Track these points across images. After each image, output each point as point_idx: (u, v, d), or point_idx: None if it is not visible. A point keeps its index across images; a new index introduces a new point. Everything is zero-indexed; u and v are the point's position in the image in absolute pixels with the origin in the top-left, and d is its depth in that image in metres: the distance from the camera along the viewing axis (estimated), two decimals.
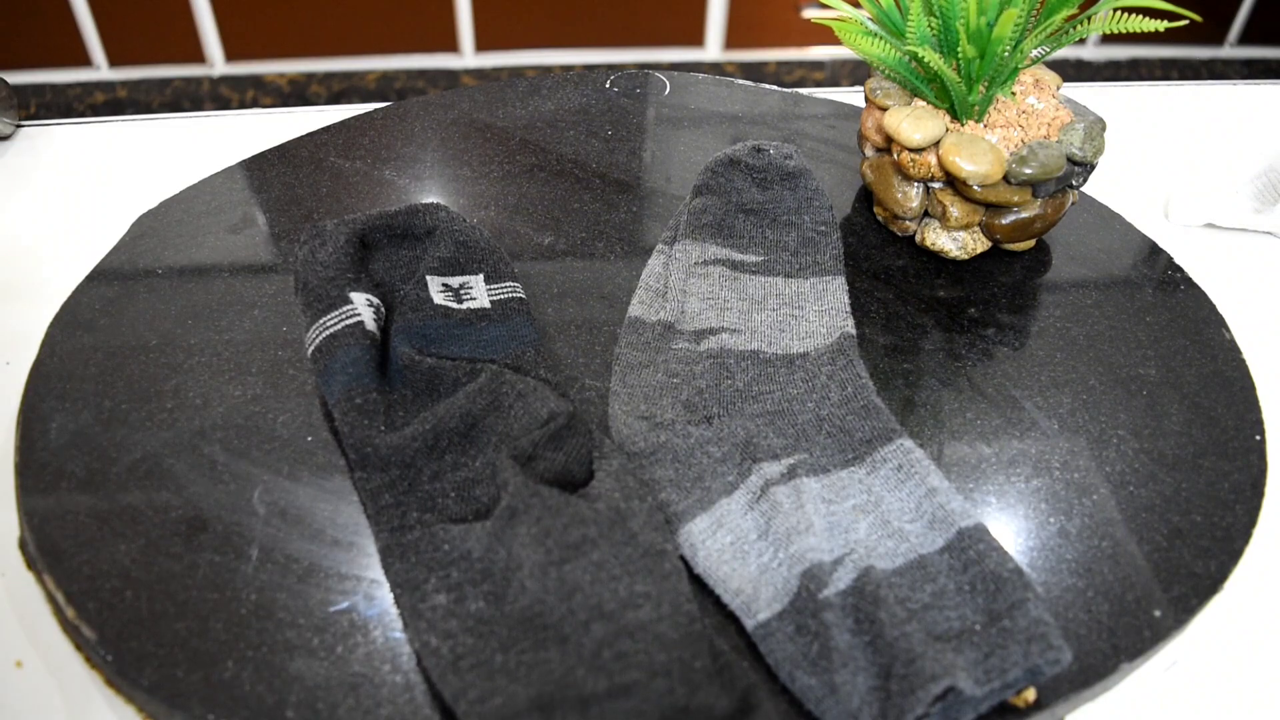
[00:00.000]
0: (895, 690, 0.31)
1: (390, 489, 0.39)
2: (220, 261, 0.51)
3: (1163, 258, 0.56)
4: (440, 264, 0.47)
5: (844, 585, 0.35)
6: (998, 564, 0.35)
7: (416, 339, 0.44)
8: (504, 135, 0.62)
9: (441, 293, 0.46)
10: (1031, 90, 0.52)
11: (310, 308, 0.43)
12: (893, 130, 0.50)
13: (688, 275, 0.49)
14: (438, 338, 0.44)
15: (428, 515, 0.38)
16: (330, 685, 0.34)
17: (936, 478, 0.39)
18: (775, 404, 0.43)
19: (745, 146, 0.53)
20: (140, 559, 0.37)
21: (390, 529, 0.37)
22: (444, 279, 0.46)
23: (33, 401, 0.43)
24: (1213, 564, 0.39)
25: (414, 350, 0.43)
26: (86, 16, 1.82)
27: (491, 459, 0.39)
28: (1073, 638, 0.36)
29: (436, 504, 0.38)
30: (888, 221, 0.55)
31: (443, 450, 0.40)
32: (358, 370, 0.41)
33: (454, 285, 0.46)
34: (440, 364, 0.43)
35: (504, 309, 0.46)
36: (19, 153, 0.63)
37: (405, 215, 0.47)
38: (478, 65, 2.00)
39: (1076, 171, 0.50)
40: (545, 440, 0.40)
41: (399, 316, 0.45)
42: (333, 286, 0.43)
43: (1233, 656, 0.38)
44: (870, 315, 0.50)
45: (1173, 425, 0.45)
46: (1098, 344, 0.49)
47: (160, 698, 0.33)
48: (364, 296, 0.44)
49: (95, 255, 0.52)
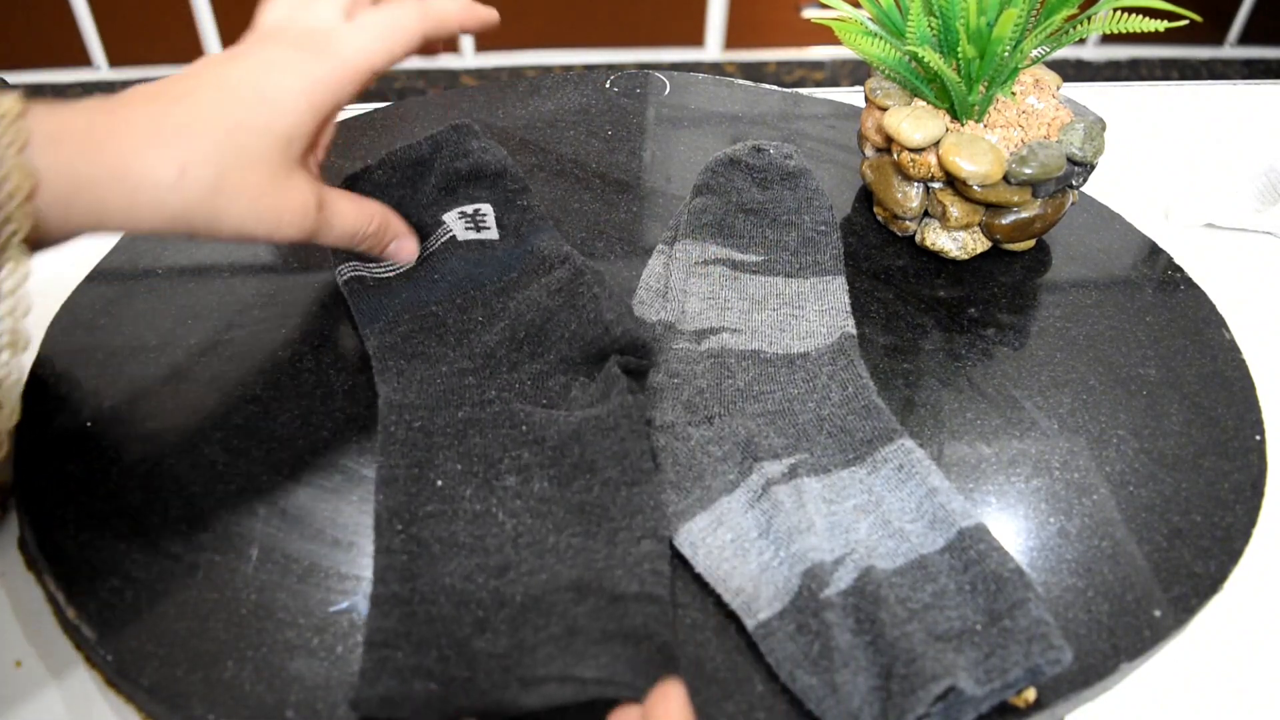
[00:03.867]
0: (896, 690, 0.31)
1: (475, 373, 0.43)
2: (220, 261, 0.51)
3: (1163, 258, 0.56)
4: (457, 197, 0.51)
5: (845, 585, 0.35)
6: (998, 564, 0.35)
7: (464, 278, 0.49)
8: (504, 135, 0.62)
9: (463, 223, 0.50)
10: (1031, 90, 0.52)
11: None
12: (893, 130, 0.50)
13: (688, 275, 0.49)
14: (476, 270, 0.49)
15: (506, 394, 0.42)
16: (330, 685, 0.34)
17: (937, 478, 0.39)
18: (776, 404, 0.43)
19: (745, 146, 0.53)
20: (140, 559, 0.37)
21: (473, 404, 0.41)
22: (461, 209, 0.51)
23: (33, 401, 0.43)
24: (1213, 564, 0.39)
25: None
26: (86, 16, 1.82)
27: (565, 353, 0.43)
28: (1073, 638, 0.36)
29: (514, 390, 0.42)
30: (888, 221, 0.55)
31: (520, 341, 0.44)
32: (455, 278, 0.48)
33: (469, 211, 0.51)
34: None
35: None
36: None
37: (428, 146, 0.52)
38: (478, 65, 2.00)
39: (1076, 171, 0.50)
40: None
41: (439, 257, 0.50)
42: (427, 213, 0.50)
43: (1233, 656, 0.38)
44: (870, 315, 0.50)
45: (1173, 425, 0.45)
46: (1098, 344, 0.49)
47: (160, 698, 0.33)
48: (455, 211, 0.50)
49: (95, 255, 0.52)
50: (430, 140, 0.51)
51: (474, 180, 0.51)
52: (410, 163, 0.51)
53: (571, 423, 0.39)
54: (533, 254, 0.48)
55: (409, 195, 0.51)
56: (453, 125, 0.52)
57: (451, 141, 0.51)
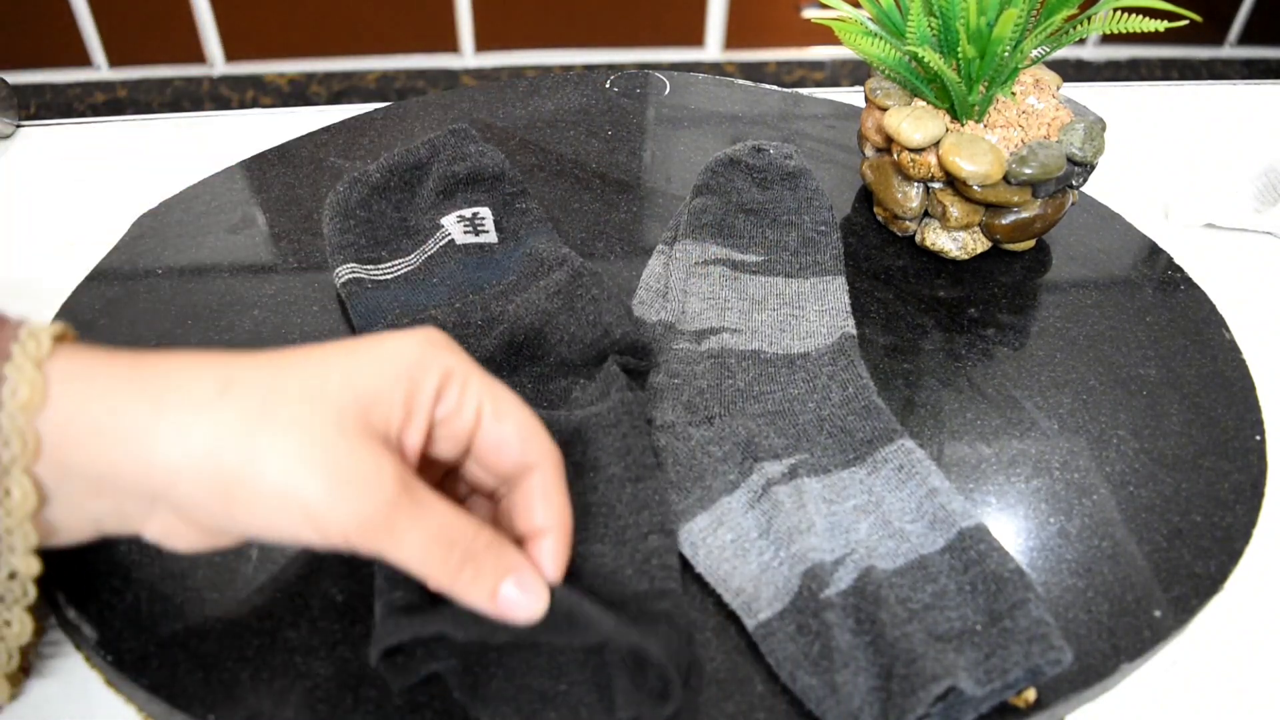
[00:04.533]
0: (896, 690, 0.31)
1: None
2: (220, 261, 0.51)
3: (1163, 258, 0.56)
4: (454, 200, 0.51)
5: (845, 585, 0.35)
6: (998, 564, 0.35)
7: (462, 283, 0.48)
8: (504, 135, 0.62)
9: (460, 226, 0.50)
10: (1031, 90, 0.52)
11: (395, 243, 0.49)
12: (893, 130, 0.50)
13: (688, 275, 0.49)
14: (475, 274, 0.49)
15: None
16: (330, 685, 0.34)
17: (937, 478, 0.39)
18: (776, 404, 0.43)
19: (745, 146, 0.53)
20: (140, 559, 0.37)
21: None
22: (459, 212, 0.50)
23: None
24: (1213, 564, 0.39)
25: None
26: (86, 16, 1.82)
27: (564, 356, 0.43)
28: (1073, 638, 0.36)
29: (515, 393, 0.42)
30: (888, 221, 0.55)
31: (519, 344, 0.44)
32: (454, 282, 0.47)
33: (468, 215, 0.50)
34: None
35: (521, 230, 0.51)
36: (19, 153, 0.63)
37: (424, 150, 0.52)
38: (478, 65, 2.00)
39: (1076, 171, 0.50)
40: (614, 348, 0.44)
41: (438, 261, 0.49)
42: (425, 217, 0.49)
43: (1233, 656, 0.38)
44: (870, 315, 0.50)
45: (1173, 425, 0.45)
46: (1098, 344, 0.49)
47: (160, 698, 0.33)
48: (454, 215, 0.50)
49: (95, 255, 0.52)
50: (428, 144, 0.51)
51: (472, 184, 0.51)
52: (408, 167, 0.51)
53: (573, 422, 0.39)
54: (531, 257, 0.48)
55: (406, 199, 0.51)
56: (450, 129, 0.52)
57: (449, 145, 0.52)
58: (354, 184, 0.50)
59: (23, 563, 0.30)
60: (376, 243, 0.49)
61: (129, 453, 0.28)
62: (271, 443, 0.28)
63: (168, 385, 0.28)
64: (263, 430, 0.28)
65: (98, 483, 0.28)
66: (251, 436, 0.28)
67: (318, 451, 0.28)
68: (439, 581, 0.30)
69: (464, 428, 0.32)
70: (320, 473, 0.28)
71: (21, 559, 0.29)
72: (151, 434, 0.28)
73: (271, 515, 0.28)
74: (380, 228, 0.50)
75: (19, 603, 0.31)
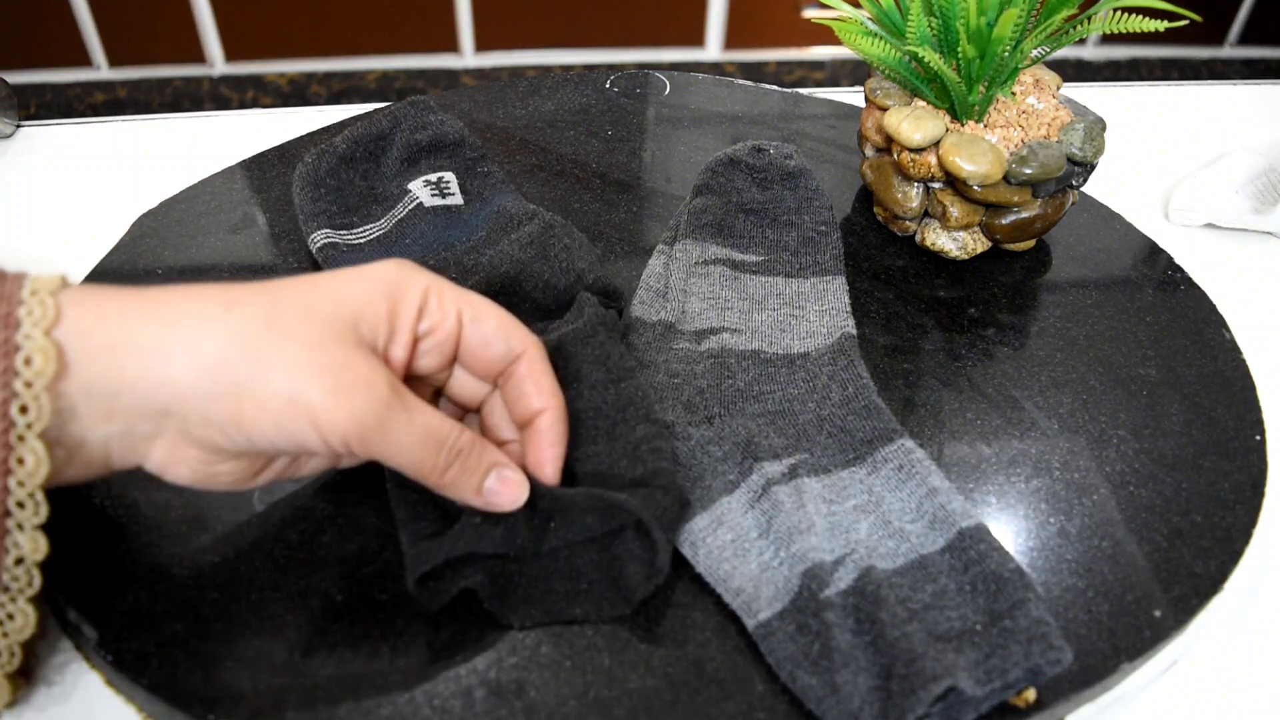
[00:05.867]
0: (896, 690, 0.31)
1: None
2: (220, 261, 0.51)
3: (1163, 258, 0.56)
4: (419, 166, 0.53)
5: (845, 585, 0.35)
6: (998, 564, 0.35)
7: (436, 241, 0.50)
8: (504, 135, 0.62)
9: (428, 190, 0.52)
10: (1031, 90, 0.52)
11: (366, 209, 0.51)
12: (893, 130, 0.50)
13: (688, 275, 0.49)
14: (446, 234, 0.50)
15: None
16: (330, 685, 0.34)
17: (937, 478, 0.39)
18: (776, 404, 0.43)
19: (745, 146, 0.53)
20: (140, 559, 0.37)
21: None
22: (425, 177, 0.52)
23: None
24: (1213, 564, 0.39)
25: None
26: (86, 16, 1.82)
27: (540, 301, 0.45)
28: (1073, 638, 0.36)
29: None
30: (888, 221, 0.55)
31: (495, 293, 0.44)
32: (426, 241, 0.49)
33: (434, 180, 0.52)
34: None
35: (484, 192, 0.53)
36: (19, 153, 0.63)
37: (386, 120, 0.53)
38: (478, 65, 2.00)
39: (1076, 171, 0.50)
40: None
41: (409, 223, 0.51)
42: (392, 184, 0.51)
43: (1233, 656, 0.38)
44: (870, 315, 0.50)
45: (1173, 425, 0.45)
46: (1098, 344, 0.49)
47: (160, 698, 0.33)
48: (420, 180, 0.52)
49: (95, 255, 0.52)
50: (389, 115, 0.54)
51: (435, 150, 0.53)
52: (372, 137, 0.53)
53: (551, 342, 0.41)
54: (499, 214, 0.50)
55: (373, 168, 0.53)
56: (409, 100, 0.55)
57: (410, 115, 0.54)
58: (321, 155, 0.52)
59: (30, 543, 0.30)
60: (347, 209, 0.51)
61: (143, 367, 0.29)
62: (278, 352, 0.30)
63: (175, 307, 0.30)
64: (268, 341, 0.30)
65: (112, 399, 0.30)
66: (258, 347, 0.30)
67: (320, 358, 0.30)
68: (429, 478, 0.33)
69: (447, 335, 0.35)
70: (323, 377, 0.30)
71: (29, 538, 0.30)
72: (164, 348, 0.29)
73: (279, 420, 0.30)
74: (350, 195, 0.52)
75: (23, 592, 0.31)
